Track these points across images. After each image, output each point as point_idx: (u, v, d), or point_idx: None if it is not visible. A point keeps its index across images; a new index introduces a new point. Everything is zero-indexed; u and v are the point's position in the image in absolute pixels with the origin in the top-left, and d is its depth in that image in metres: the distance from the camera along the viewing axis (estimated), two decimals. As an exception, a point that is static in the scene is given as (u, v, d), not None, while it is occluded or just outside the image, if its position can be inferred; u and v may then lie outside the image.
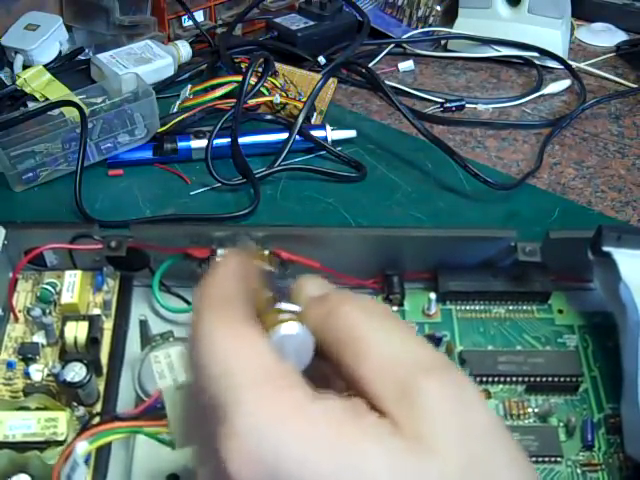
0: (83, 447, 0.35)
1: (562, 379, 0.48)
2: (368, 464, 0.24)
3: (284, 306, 0.29)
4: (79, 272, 0.50)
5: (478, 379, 0.48)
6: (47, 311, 0.49)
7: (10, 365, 0.47)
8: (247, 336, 0.27)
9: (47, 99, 0.77)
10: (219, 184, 0.69)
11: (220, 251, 0.49)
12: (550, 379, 0.48)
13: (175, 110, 0.77)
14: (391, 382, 0.26)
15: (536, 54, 0.93)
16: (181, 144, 0.73)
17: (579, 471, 0.45)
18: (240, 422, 0.24)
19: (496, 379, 0.48)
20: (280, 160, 0.72)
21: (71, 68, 0.87)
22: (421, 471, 0.24)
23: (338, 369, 0.27)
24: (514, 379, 0.48)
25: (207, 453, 0.26)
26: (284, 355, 0.27)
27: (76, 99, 0.70)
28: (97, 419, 0.42)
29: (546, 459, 0.45)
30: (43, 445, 0.41)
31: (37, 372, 0.46)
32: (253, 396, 0.25)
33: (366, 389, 0.26)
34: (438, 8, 0.97)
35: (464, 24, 0.97)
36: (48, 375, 0.46)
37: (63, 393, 0.45)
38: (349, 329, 0.27)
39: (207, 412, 0.26)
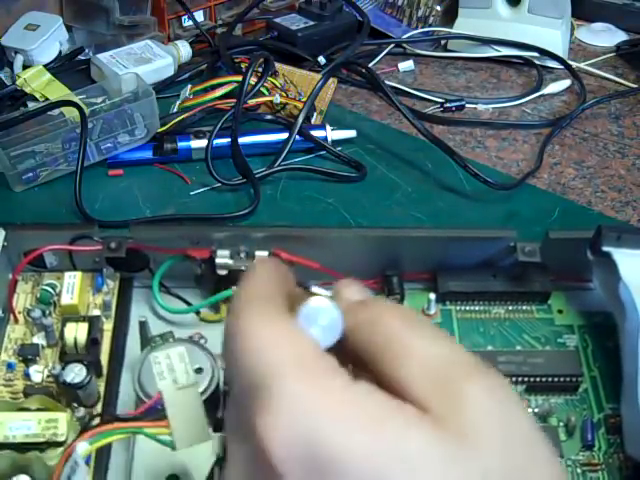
0: (84, 448, 0.35)
1: (562, 379, 0.48)
2: (415, 451, 0.23)
3: (316, 289, 0.30)
4: (79, 273, 0.50)
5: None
6: (47, 312, 0.49)
7: (10, 366, 0.47)
8: (284, 325, 0.28)
9: (47, 99, 0.77)
10: (219, 184, 0.69)
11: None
12: (550, 379, 0.47)
13: (175, 110, 0.76)
14: (434, 383, 0.26)
15: (536, 54, 0.93)
16: (181, 144, 0.73)
17: (579, 471, 0.45)
18: (281, 399, 0.25)
19: (496, 379, 0.48)
20: (280, 160, 0.72)
21: (71, 68, 0.87)
22: (467, 463, 0.23)
23: (373, 372, 0.27)
24: (514, 379, 0.48)
25: (241, 438, 0.26)
26: (312, 327, 0.28)
27: (76, 99, 0.70)
28: (97, 420, 0.42)
29: (546, 459, 0.45)
30: (43, 446, 0.41)
31: (37, 373, 0.46)
32: (293, 377, 0.25)
33: (407, 390, 0.26)
34: (438, 8, 0.97)
35: (464, 24, 0.97)
36: (48, 376, 0.46)
37: (63, 394, 0.45)
38: (391, 336, 0.28)
39: (243, 400, 0.26)
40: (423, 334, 0.28)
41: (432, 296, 0.51)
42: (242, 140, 0.72)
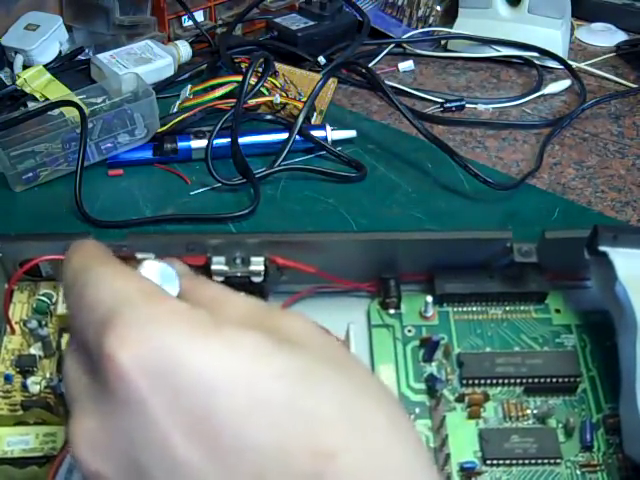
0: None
1: (560, 380, 0.47)
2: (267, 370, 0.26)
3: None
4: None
5: (476, 381, 0.48)
6: (43, 323, 0.49)
7: (8, 378, 0.46)
8: (127, 269, 0.30)
9: (47, 99, 0.77)
10: (219, 184, 0.69)
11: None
12: (548, 380, 0.47)
13: (175, 110, 0.77)
14: (255, 316, 0.30)
15: (536, 54, 0.93)
16: (181, 144, 0.73)
17: (578, 472, 0.44)
18: (130, 319, 0.26)
19: (494, 381, 0.48)
20: (280, 160, 0.72)
21: (71, 68, 0.87)
22: (300, 355, 0.27)
23: None
24: (512, 381, 0.48)
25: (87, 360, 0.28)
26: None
27: (76, 99, 0.70)
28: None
29: (545, 461, 0.45)
30: (42, 460, 0.41)
31: (35, 384, 0.45)
32: (142, 301, 0.27)
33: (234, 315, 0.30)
34: (438, 8, 0.98)
35: (464, 24, 0.97)
36: (46, 387, 0.45)
37: (61, 405, 0.44)
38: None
39: (92, 332, 0.27)
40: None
41: (429, 298, 0.50)
42: (242, 140, 0.72)
